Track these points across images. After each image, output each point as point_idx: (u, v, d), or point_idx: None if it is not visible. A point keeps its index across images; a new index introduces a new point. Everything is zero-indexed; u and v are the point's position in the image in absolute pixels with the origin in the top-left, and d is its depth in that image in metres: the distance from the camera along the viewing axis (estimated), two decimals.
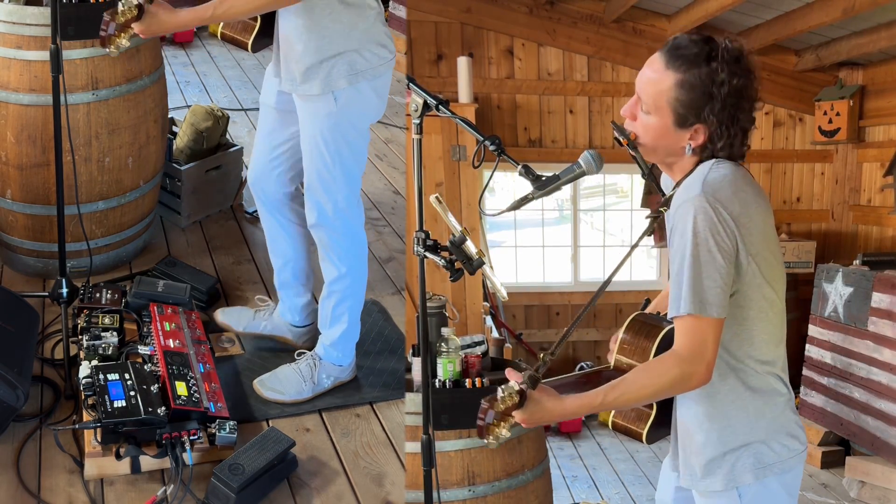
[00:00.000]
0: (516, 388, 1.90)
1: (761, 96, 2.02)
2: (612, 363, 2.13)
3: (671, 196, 2.01)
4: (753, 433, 2.04)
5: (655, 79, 1.98)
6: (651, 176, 2.11)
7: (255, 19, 2.86)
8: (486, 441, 1.90)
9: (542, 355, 1.92)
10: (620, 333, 2.16)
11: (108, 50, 2.66)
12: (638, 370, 1.97)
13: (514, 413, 1.92)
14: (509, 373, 1.95)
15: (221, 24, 2.89)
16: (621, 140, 2.04)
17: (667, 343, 2.09)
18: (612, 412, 2.19)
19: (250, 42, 2.87)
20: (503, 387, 1.91)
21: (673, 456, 2.23)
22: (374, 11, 2.87)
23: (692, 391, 1.99)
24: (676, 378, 1.92)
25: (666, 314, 2.26)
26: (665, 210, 2.00)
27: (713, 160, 1.99)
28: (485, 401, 1.90)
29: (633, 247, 2.04)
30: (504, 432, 1.91)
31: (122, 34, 2.65)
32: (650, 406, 2.12)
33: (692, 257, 1.90)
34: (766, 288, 2.01)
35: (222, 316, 3.44)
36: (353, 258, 3.15)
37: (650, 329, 2.13)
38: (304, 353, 3.26)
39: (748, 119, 1.99)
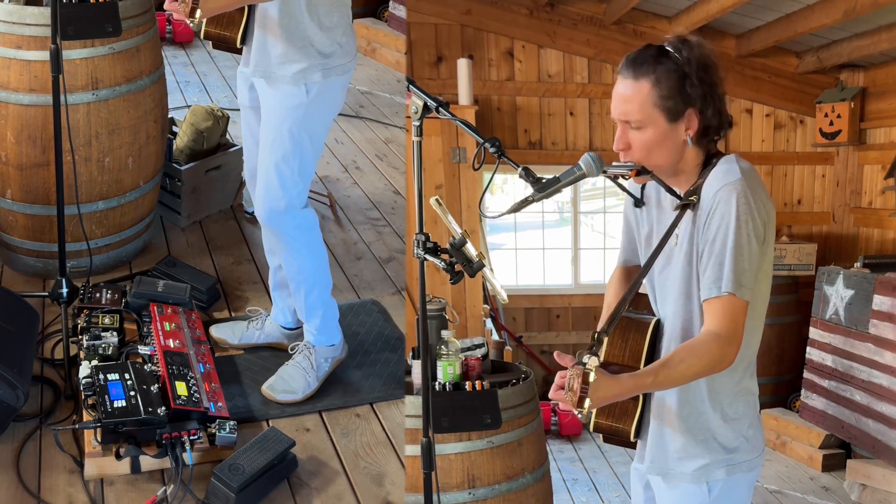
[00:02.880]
0: (597, 362, 1.85)
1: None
2: (602, 359, 2.13)
3: (693, 189, 2.04)
4: (732, 435, 2.09)
5: (633, 94, 2.03)
6: (669, 189, 2.10)
7: (241, 13, 2.84)
8: (579, 411, 1.84)
9: (595, 333, 1.90)
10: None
11: (189, 22, 2.56)
12: (681, 350, 1.98)
13: None
14: (560, 356, 1.91)
15: (205, 21, 2.84)
16: (626, 175, 2.05)
17: (656, 336, 2.14)
18: (594, 413, 2.18)
19: (238, 37, 2.86)
20: (584, 359, 1.85)
21: (642, 451, 2.24)
22: (345, 10, 2.91)
23: None
24: (716, 358, 1.95)
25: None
26: (694, 200, 2.02)
27: (731, 155, 2.06)
28: (574, 370, 1.84)
29: (665, 238, 2.04)
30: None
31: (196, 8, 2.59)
32: (635, 399, 2.14)
33: (735, 239, 1.94)
34: (768, 280, 2.08)
35: (216, 331, 3.44)
36: (309, 245, 3.15)
37: (637, 324, 2.15)
38: (295, 346, 3.27)
39: (721, 88, 2.05)
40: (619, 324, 2.16)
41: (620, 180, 2.09)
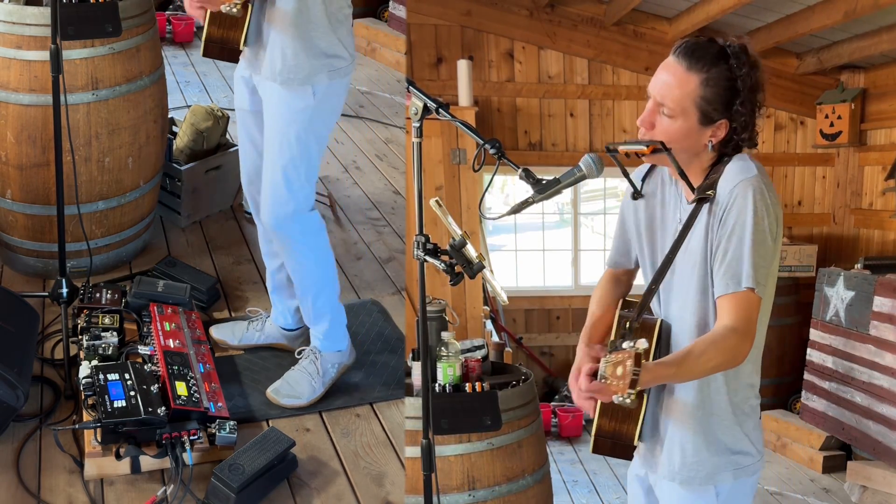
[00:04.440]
0: (646, 344, 1.83)
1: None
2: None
3: (709, 184, 2.02)
4: (738, 437, 2.09)
5: (679, 82, 2.00)
6: (683, 175, 2.08)
7: (245, 14, 2.81)
8: (624, 397, 1.78)
9: (627, 323, 1.88)
10: (612, 335, 2.15)
11: (224, 8, 2.61)
12: (701, 343, 1.96)
13: None
14: (590, 346, 1.90)
15: (206, 25, 2.81)
16: (642, 152, 2.01)
17: (665, 337, 2.11)
18: (598, 415, 2.15)
19: (242, 38, 2.81)
20: (634, 344, 1.83)
21: (646, 456, 2.22)
22: (349, 11, 2.91)
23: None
24: (734, 353, 1.94)
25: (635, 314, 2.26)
26: (711, 195, 2.00)
27: (743, 153, 2.05)
28: (621, 354, 1.80)
29: (684, 232, 2.03)
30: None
31: None
32: (639, 400, 2.10)
33: (752, 235, 1.94)
34: (775, 280, 2.06)
35: (216, 332, 3.43)
36: (316, 249, 3.14)
37: (643, 324, 2.13)
38: (302, 350, 3.26)
39: (760, 108, 2.04)
40: (623, 325, 2.14)
41: (627, 166, 2.06)
